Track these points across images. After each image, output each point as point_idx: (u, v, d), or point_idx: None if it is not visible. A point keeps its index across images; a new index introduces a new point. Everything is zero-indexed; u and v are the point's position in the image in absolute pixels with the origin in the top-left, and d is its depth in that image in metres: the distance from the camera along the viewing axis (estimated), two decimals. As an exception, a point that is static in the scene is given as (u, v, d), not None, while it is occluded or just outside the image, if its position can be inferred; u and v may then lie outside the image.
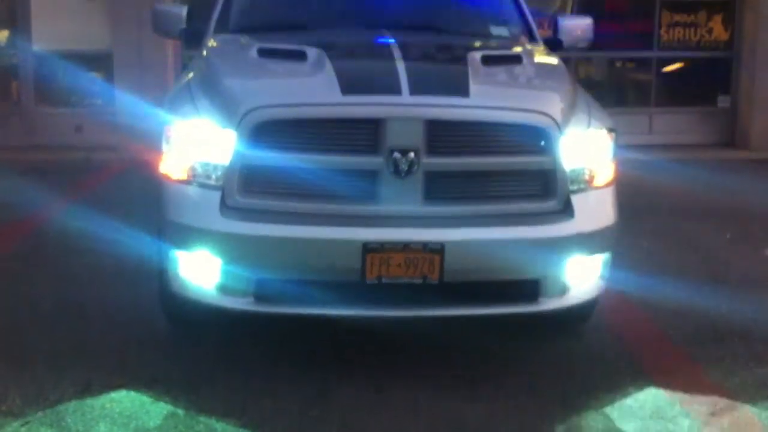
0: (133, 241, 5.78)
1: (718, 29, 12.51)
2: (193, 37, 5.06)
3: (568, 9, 12.47)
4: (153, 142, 4.26)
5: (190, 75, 4.33)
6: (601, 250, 3.95)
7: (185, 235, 3.76)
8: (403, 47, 4.09)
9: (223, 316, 4.04)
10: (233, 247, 3.67)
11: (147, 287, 4.79)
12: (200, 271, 3.77)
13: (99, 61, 11.98)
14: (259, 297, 3.73)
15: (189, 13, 5.07)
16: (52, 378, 3.90)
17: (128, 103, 11.02)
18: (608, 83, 13.03)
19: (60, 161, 10.53)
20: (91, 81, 11.94)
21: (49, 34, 11.89)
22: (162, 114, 4.02)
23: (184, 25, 5.06)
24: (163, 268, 4.00)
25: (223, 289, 3.75)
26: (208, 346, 4.35)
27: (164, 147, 3.90)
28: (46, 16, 11.94)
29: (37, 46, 11.88)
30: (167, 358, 4.18)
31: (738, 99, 12.46)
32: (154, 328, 4.52)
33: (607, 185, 3.98)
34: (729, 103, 12.58)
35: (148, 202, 4.35)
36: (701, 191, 8.75)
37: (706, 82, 12.75)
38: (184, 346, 4.36)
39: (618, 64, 13.09)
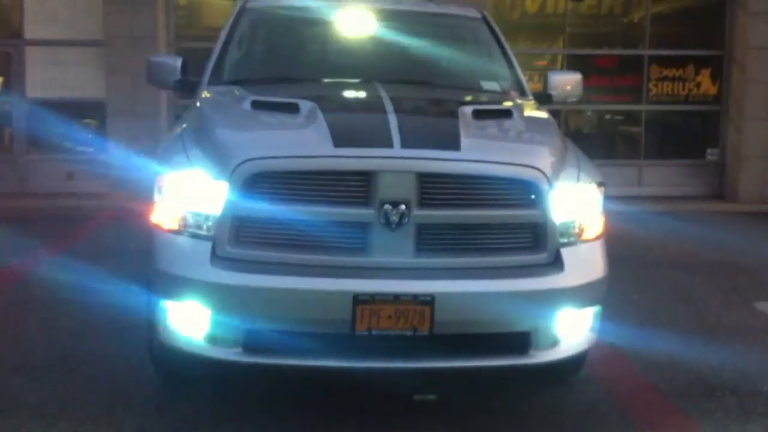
0: (121, 291, 5.77)
1: (706, 83, 12.71)
2: (186, 88, 5.09)
3: (558, 63, 12.66)
4: (144, 190, 4.27)
5: (184, 126, 4.36)
6: (592, 303, 3.95)
7: (175, 285, 3.74)
8: (395, 100, 4.13)
9: (212, 367, 4.00)
10: (223, 298, 3.66)
11: (136, 338, 4.77)
12: (189, 322, 3.75)
13: (92, 110, 12.09)
14: (248, 348, 3.70)
15: (183, 65, 5.11)
16: (40, 430, 3.85)
17: (120, 152, 11.10)
18: (598, 135, 13.18)
19: (51, 208, 10.54)
20: (84, 129, 12.04)
21: (43, 82, 12.01)
22: (154, 164, 4.03)
23: (178, 76, 5.09)
24: (152, 318, 3.98)
25: (212, 339, 3.73)
26: (197, 397, 4.32)
27: (156, 197, 3.91)
28: (40, 64, 12.05)
29: (31, 94, 11.98)
30: (155, 410, 4.14)
31: (726, 152, 12.61)
32: (142, 378, 4.49)
33: (597, 238, 4.00)
34: (718, 156, 12.72)
35: (138, 251, 4.35)
36: (691, 243, 8.80)
37: (694, 135, 12.92)
38: (172, 397, 4.32)
39: (607, 117, 13.26)
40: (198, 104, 4.61)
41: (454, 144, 3.74)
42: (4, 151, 12.24)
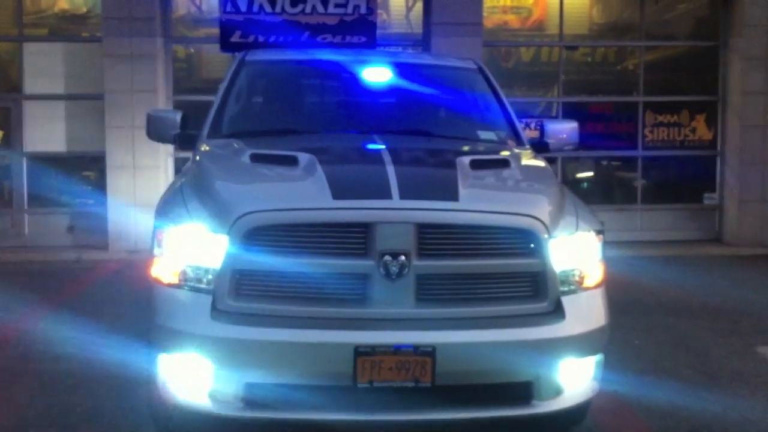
0: (121, 346, 5.73)
1: (701, 129, 12.80)
2: (186, 142, 5.12)
3: (554, 111, 12.77)
4: (144, 244, 4.27)
5: (183, 179, 4.38)
6: (594, 351, 3.94)
7: (175, 339, 3.73)
8: (393, 152, 4.17)
9: (214, 423, 3.97)
10: (224, 351, 3.65)
11: (136, 394, 4.74)
12: (190, 377, 3.74)
13: (91, 163, 12.17)
14: (250, 402, 3.69)
15: (183, 119, 5.15)
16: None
17: (119, 205, 11.13)
18: (595, 181, 13.24)
19: (50, 262, 10.54)
20: (83, 182, 12.08)
21: (43, 136, 12.08)
22: (154, 218, 4.05)
23: (178, 130, 5.13)
24: (152, 374, 3.96)
25: (213, 394, 3.71)
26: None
27: (156, 251, 3.91)
28: (39, 118, 12.14)
29: (30, 148, 12.05)
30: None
31: (724, 196, 12.65)
32: (142, 435, 4.45)
33: (597, 286, 4.00)
34: (715, 200, 12.76)
35: (137, 305, 4.34)
36: (690, 288, 8.79)
37: (692, 180, 12.98)
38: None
39: (604, 163, 13.32)
40: (197, 158, 4.63)
41: (452, 194, 3.77)
42: (4, 205, 12.27)
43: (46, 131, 12.10)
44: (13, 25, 12.32)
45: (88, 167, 12.28)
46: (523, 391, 3.79)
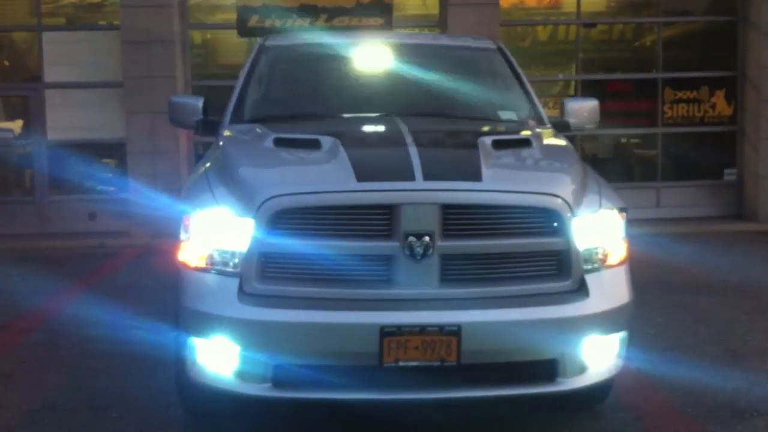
0: (147, 329, 5.80)
1: (721, 104, 12.71)
2: (208, 128, 5.17)
3: (572, 89, 12.71)
4: (166, 228, 4.32)
5: (207, 165, 4.42)
6: (617, 329, 3.95)
7: (203, 322, 3.78)
8: (415, 133, 4.19)
9: (241, 403, 4.03)
10: (251, 334, 3.69)
11: (163, 376, 4.80)
12: (218, 358, 3.79)
13: (112, 150, 12.25)
14: (277, 383, 3.73)
15: (204, 104, 5.19)
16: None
17: (141, 191, 11.21)
18: (615, 159, 13.19)
19: (73, 248, 10.64)
20: (105, 169, 12.18)
21: (63, 124, 12.17)
22: (180, 203, 4.09)
23: (200, 116, 5.18)
24: (180, 356, 4.01)
25: (241, 375, 3.76)
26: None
27: (182, 235, 3.96)
28: (60, 105, 12.23)
29: (51, 136, 12.14)
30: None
31: (744, 172, 12.58)
32: (171, 417, 4.52)
33: (621, 264, 4.01)
34: (735, 176, 12.69)
35: (162, 289, 4.39)
36: (712, 265, 8.77)
37: (711, 156, 12.90)
38: (201, 434, 4.35)
39: (624, 141, 13.27)
40: (221, 143, 4.68)
41: (475, 175, 3.79)
42: (26, 192, 12.40)
43: (66, 119, 12.19)
44: (32, 15, 12.39)
45: (108, 154, 12.38)
46: (547, 369, 3.81)
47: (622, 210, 4.04)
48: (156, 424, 4.46)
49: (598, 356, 3.90)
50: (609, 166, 12.48)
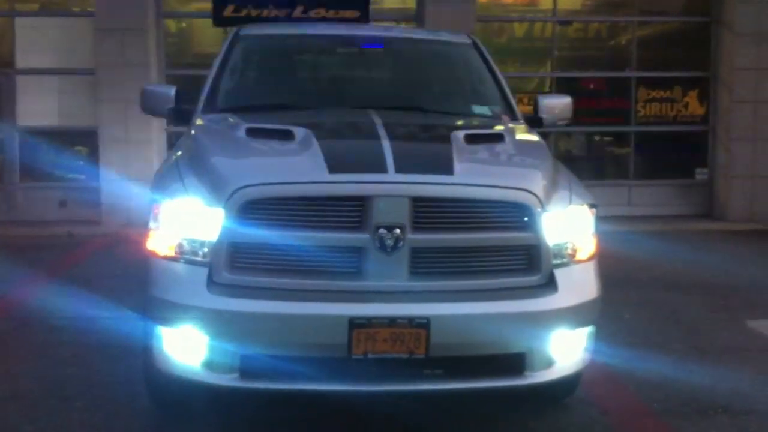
0: (115, 318, 5.77)
1: (693, 104, 12.82)
2: (180, 116, 5.13)
3: (547, 86, 12.77)
4: (137, 217, 4.29)
5: (179, 153, 4.39)
6: (585, 324, 3.99)
7: (172, 312, 3.76)
8: (388, 126, 4.18)
9: (209, 393, 4.01)
10: (220, 323, 3.68)
11: (130, 365, 4.77)
12: (186, 348, 3.77)
13: (84, 137, 12.12)
14: (245, 373, 3.72)
15: (177, 93, 5.15)
16: (35, 459, 3.86)
17: (112, 179, 11.12)
18: (588, 157, 13.28)
19: (43, 236, 10.52)
20: (76, 157, 12.05)
21: (35, 111, 12.03)
22: (150, 192, 4.06)
23: (172, 105, 5.14)
24: (148, 345, 3.98)
25: (209, 365, 3.74)
26: (193, 424, 4.32)
27: (152, 224, 3.93)
28: (32, 92, 12.09)
29: (22, 122, 12.00)
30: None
31: (715, 172, 12.70)
32: (138, 406, 4.49)
33: (590, 259, 4.04)
34: (707, 175, 12.81)
35: (130, 278, 4.36)
36: (681, 263, 8.85)
37: (683, 155, 13.01)
38: (168, 424, 4.32)
39: (597, 138, 13.35)
40: (193, 132, 4.64)
41: (447, 168, 3.79)
42: (-4, 179, 12.25)
43: (38, 105, 12.06)
44: (5, 0, 12.22)
45: (80, 141, 12.24)
46: (515, 363, 3.83)
47: (592, 206, 4.06)
48: (123, 413, 4.44)
49: (566, 350, 3.93)
50: (582, 164, 12.56)
